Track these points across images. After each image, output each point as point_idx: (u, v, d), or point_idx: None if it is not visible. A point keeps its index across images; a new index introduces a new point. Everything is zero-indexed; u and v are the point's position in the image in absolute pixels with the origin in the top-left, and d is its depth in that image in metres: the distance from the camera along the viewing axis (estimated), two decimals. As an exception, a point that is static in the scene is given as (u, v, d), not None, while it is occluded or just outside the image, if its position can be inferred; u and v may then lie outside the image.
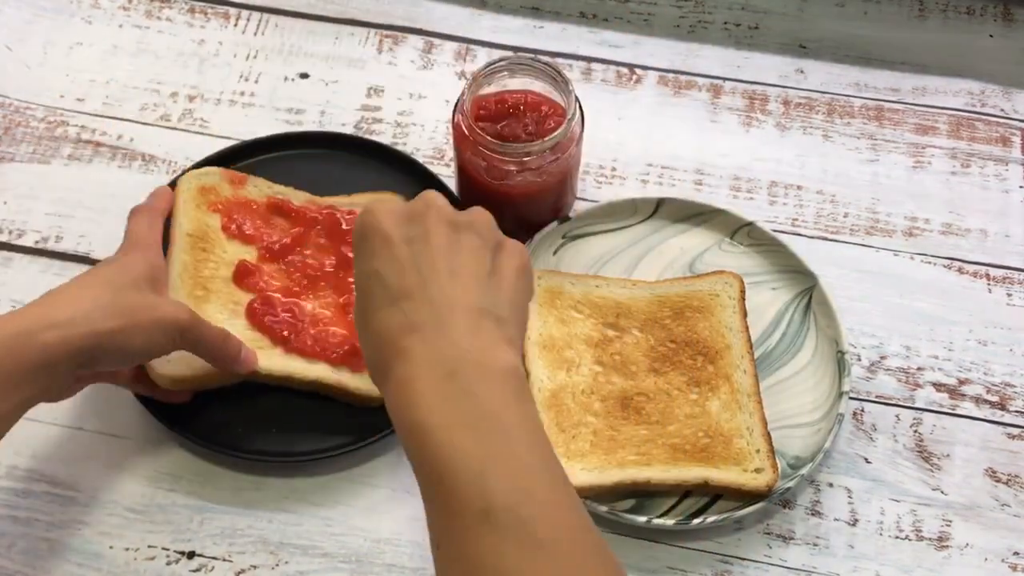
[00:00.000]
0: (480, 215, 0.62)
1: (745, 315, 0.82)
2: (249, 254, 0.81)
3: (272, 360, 0.76)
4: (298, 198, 0.84)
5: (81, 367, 0.67)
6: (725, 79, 0.97)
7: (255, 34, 0.99)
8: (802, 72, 0.98)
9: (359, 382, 0.77)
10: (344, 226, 0.82)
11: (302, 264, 0.81)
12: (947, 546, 0.77)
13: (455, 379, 0.54)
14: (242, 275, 0.80)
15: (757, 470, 0.75)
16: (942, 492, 0.79)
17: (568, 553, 0.51)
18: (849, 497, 0.78)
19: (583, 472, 0.74)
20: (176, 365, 0.74)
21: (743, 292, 0.82)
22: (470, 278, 0.58)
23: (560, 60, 0.98)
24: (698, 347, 0.80)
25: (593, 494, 0.74)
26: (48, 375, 0.65)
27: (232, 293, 0.79)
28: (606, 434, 0.76)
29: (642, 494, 0.76)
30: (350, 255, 0.79)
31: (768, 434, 0.77)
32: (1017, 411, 0.82)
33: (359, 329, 0.61)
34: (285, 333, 0.77)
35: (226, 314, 0.78)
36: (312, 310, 0.79)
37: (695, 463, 0.75)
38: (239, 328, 0.77)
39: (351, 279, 0.80)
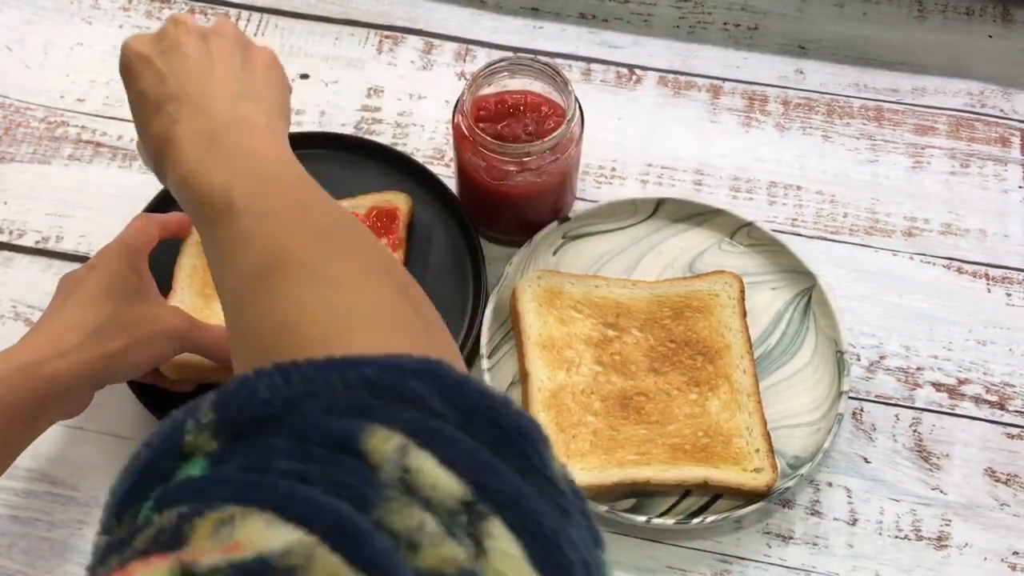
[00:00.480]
0: (225, 22, 0.68)
1: (745, 315, 0.82)
2: None
3: None
4: None
5: (94, 388, 0.69)
6: (725, 79, 0.97)
7: (255, 34, 0.99)
8: (801, 72, 0.98)
9: None
10: None
11: None
12: (946, 546, 0.77)
13: (216, 140, 0.60)
14: None
15: (756, 470, 0.75)
16: (941, 492, 0.79)
17: (296, 215, 0.56)
18: (848, 497, 0.78)
19: (583, 472, 0.74)
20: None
21: (743, 292, 0.83)
22: (224, 72, 0.64)
23: (560, 60, 0.98)
24: (698, 347, 0.80)
25: (593, 494, 0.74)
26: (62, 401, 0.67)
27: None
28: (606, 434, 0.76)
29: (642, 494, 0.76)
30: None
31: (767, 434, 0.77)
32: (1016, 411, 0.82)
33: (140, 153, 0.66)
34: None
35: None
36: None
37: (695, 463, 0.75)
38: None
39: None
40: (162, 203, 0.86)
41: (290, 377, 0.40)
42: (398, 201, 0.85)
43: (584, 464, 0.75)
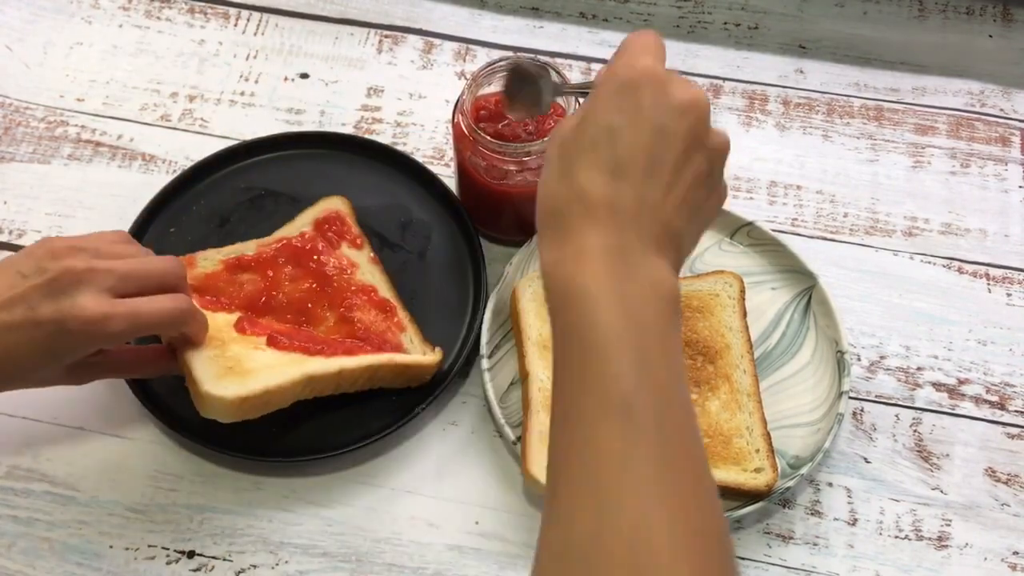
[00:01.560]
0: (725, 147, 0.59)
1: (745, 315, 0.82)
2: (237, 317, 0.78)
3: (319, 364, 0.74)
4: (249, 248, 0.82)
5: None
6: (725, 79, 0.97)
7: (255, 34, 0.99)
8: (802, 72, 0.98)
9: (409, 357, 0.78)
10: (303, 246, 0.82)
11: (287, 303, 0.80)
12: (947, 546, 0.77)
13: (628, 265, 0.53)
14: (244, 327, 0.76)
15: (757, 470, 0.75)
16: (942, 492, 0.79)
17: (690, 465, 0.51)
18: (849, 497, 0.78)
19: None
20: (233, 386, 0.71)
21: (743, 292, 0.83)
22: (685, 204, 0.56)
23: (560, 60, 0.98)
24: (698, 347, 0.80)
25: None
26: None
27: (246, 339, 0.75)
28: None
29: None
30: (324, 270, 0.80)
31: (768, 434, 0.77)
32: (1016, 411, 0.82)
33: (554, 165, 0.57)
34: (317, 347, 0.76)
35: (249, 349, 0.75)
36: (323, 333, 0.79)
37: None
38: (268, 356, 0.74)
39: (338, 290, 0.80)
40: (161, 203, 0.86)
41: None
42: (335, 204, 0.85)
43: None
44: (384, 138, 0.93)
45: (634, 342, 0.51)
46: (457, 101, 0.81)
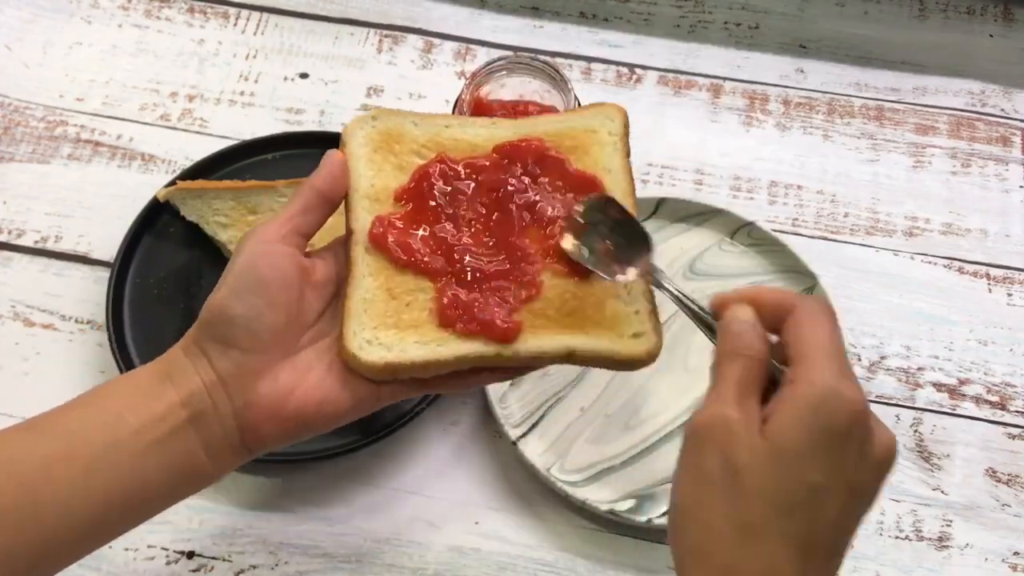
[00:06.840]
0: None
1: (628, 154, 0.66)
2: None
3: None
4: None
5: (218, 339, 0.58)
6: (725, 79, 0.97)
7: (255, 34, 0.99)
8: (802, 72, 0.98)
9: None
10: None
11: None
12: (947, 546, 0.77)
13: None
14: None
15: (636, 335, 0.60)
16: (942, 492, 0.79)
17: None
18: (849, 497, 0.78)
19: (417, 346, 0.59)
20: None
21: (627, 127, 0.67)
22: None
23: (560, 60, 0.98)
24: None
25: (431, 372, 0.60)
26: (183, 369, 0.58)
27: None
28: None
29: (641, 494, 0.76)
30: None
31: (651, 292, 0.62)
32: (1017, 411, 0.82)
33: (722, 494, 0.50)
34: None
35: None
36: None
37: (559, 330, 0.60)
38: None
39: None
40: (161, 203, 0.86)
41: None
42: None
43: (420, 337, 0.59)
44: (384, 138, 0.92)
45: None
46: (457, 101, 0.81)
